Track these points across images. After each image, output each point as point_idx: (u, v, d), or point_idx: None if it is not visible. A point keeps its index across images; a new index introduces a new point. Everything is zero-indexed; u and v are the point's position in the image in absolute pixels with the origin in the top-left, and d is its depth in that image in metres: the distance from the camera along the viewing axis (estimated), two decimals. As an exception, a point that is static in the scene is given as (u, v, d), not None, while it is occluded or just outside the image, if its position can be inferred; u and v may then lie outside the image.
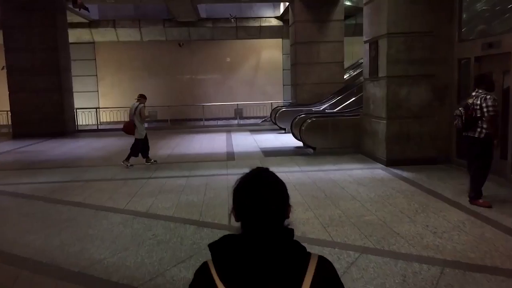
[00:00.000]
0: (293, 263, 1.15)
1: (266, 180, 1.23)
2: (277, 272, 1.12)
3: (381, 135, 8.46)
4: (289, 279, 1.13)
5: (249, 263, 1.13)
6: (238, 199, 1.21)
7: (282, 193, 1.23)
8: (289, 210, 1.24)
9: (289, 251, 1.17)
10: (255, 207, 1.18)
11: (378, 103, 8.60)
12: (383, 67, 8.27)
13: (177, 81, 22.44)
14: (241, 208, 1.21)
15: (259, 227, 1.18)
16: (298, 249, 1.19)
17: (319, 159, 9.28)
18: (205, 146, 12.22)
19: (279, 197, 1.21)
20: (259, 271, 1.12)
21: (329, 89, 16.16)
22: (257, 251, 1.15)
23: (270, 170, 1.28)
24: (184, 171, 8.54)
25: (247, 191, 1.20)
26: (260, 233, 1.17)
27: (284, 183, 1.26)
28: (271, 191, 1.20)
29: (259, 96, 21.71)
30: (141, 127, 9.35)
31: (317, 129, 9.94)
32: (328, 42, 16.32)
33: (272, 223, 1.19)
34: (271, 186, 1.22)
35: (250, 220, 1.19)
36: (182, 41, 21.86)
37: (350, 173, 7.75)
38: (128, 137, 14.04)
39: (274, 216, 1.19)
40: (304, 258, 1.17)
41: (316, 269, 1.16)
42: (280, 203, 1.21)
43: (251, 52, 22.46)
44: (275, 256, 1.14)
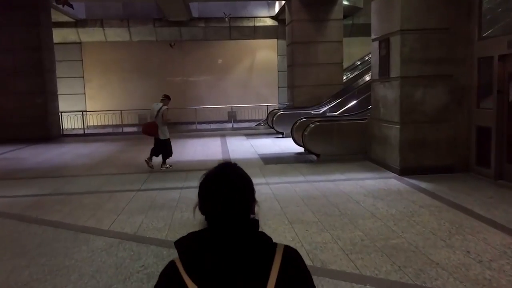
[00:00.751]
0: (259, 255, 1.15)
1: (230, 176, 1.22)
2: (244, 265, 1.13)
3: (393, 141, 7.73)
4: (256, 271, 1.14)
5: (216, 259, 1.13)
6: (202, 194, 1.21)
7: (246, 188, 1.22)
8: (254, 206, 1.24)
9: (255, 244, 1.17)
10: (217, 203, 1.18)
11: (389, 106, 7.88)
12: (395, 67, 7.55)
13: (168, 83, 21.57)
14: (204, 204, 1.20)
15: (222, 222, 1.18)
16: (263, 241, 1.19)
17: (325, 167, 8.53)
18: (199, 152, 11.40)
19: (243, 193, 1.21)
20: (226, 265, 1.12)
21: (328, 91, 15.48)
22: (223, 245, 1.15)
23: (237, 165, 1.26)
24: (177, 181, 7.73)
25: (211, 186, 1.20)
26: (224, 228, 1.17)
27: (249, 179, 1.25)
28: (234, 187, 1.20)
29: (253, 98, 20.95)
30: (165, 128, 8.92)
31: (321, 134, 9.19)
32: (326, 42, 15.64)
33: (235, 218, 1.18)
34: (234, 181, 1.21)
35: (213, 216, 1.19)
36: (173, 41, 21.01)
37: (362, 184, 7.01)
38: (117, 143, 13.22)
39: (237, 211, 1.19)
40: (270, 249, 1.18)
41: (283, 259, 1.16)
42: (243, 199, 1.20)
43: (245, 53, 21.69)
44: (241, 250, 1.14)
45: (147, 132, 8.83)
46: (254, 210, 1.24)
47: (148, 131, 8.82)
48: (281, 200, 6.16)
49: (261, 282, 1.13)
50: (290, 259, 1.18)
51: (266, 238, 1.20)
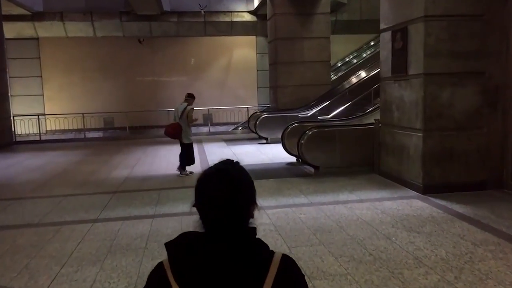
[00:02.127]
0: (254, 263, 1.08)
1: (228, 176, 1.10)
2: (237, 273, 1.05)
3: (413, 152, 6.35)
4: (250, 279, 1.05)
5: (207, 263, 1.05)
6: (197, 195, 1.12)
7: (245, 192, 1.12)
8: (253, 209, 1.14)
9: (250, 250, 1.09)
10: (212, 208, 1.08)
11: (407, 109, 6.50)
12: (417, 61, 6.18)
13: (137, 83, 19.72)
14: (199, 206, 1.11)
15: (217, 225, 1.09)
16: (260, 248, 1.11)
17: (328, 183, 7.08)
18: (174, 163, 9.73)
19: (241, 198, 1.10)
20: (217, 271, 1.05)
21: (315, 92, 14.12)
22: (216, 250, 1.06)
23: (237, 165, 1.15)
24: (147, 205, 6.10)
25: (206, 189, 1.10)
26: (218, 234, 1.09)
27: (250, 181, 1.15)
28: (232, 191, 1.08)
29: (231, 100, 19.40)
30: (189, 131, 8.23)
31: (321, 143, 7.74)
32: (312, 38, 14.28)
33: (231, 224, 1.09)
34: (232, 185, 1.09)
35: (208, 218, 1.10)
36: (142, 37, 19.17)
37: (382, 208, 5.58)
38: (77, 152, 11.56)
39: (233, 217, 1.09)
40: (266, 257, 1.10)
41: (279, 268, 1.08)
42: (241, 204, 1.10)
43: (222, 50, 20.08)
44: (235, 256, 1.06)
45: (170, 133, 8.17)
46: (253, 214, 1.14)
47: (172, 132, 8.13)
48: (286, 236, 4.65)
49: None
50: (286, 269, 1.09)
51: (262, 245, 1.12)
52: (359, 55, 17.79)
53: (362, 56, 17.22)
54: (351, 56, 18.43)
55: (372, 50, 17.16)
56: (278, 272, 1.07)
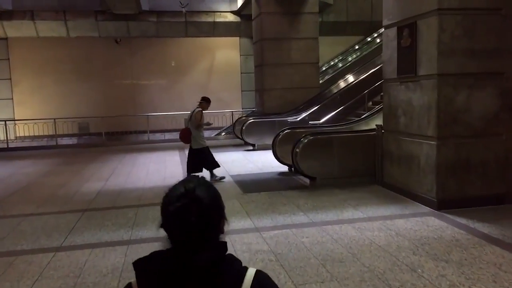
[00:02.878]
0: (227, 279, 1.04)
1: (194, 196, 1.05)
2: None
3: (425, 163, 5.66)
4: None
5: (177, 283, 1.02)
6: (163, 215, 1.07)
7: (213, 210, 1.07)
8: (223, 224, 1.12)
9: (222, 267, 1.04)
10: (178, 229, 1.04)
11: (416, 114, 5.80)
12: (430, 60, 5.49)
13: (114, 86, 18.65)
14: (165, 227, 1.06)
15: (186, 245, 1.04)
16: (232, 264, 1.08)
17: (327, 197, 6.32)
18: (153, 173, 8.86)
19: (209, 216, 1.05)
20: None
21: (303, 95, 13.42)
22: (185, 268, 1.02)
23: (203, 181, 1.11)
24: (122, 227, 5.22)
25: (171, 210, 1.04)
26: (187, 253, 1.03)
27: (217, 196, 1.11)
28: (198, 211, 1.03)
29: (213, 103, 18.36)
30: (199, 135, 7.82)
31: (318, 151, 6.99)
32: (300, 39, 13.59)
33: (201, 240, 1.04)
34: (199, 203, 1.04)
35: (176, 239, 1.06)
36: (120, 37, 18.15)
37: (395, 228, 4.85)
38: (47, 161, 10.72)
39: (202, 236, 1.04)
40: (240, 273, 1.07)
41: (253, 284, 1.05)
42: (209, 222, 1.06)
43: (204, 52, 19.18)
44: (207, 274, 1.02)
45: (180, 138, 8.10)
46: (223, 229, 1.12)
47: (181, 137, 8.06)
48: (290, 268, 3.86)
49: None
50: (260, 286, 1.05)
51: (234, 261, 1.09)
52: (347, 57, 17.19)
53: (352, 58, 16.61)
54: (340, 58, 17.81)
55: (362, 51, 16.56)
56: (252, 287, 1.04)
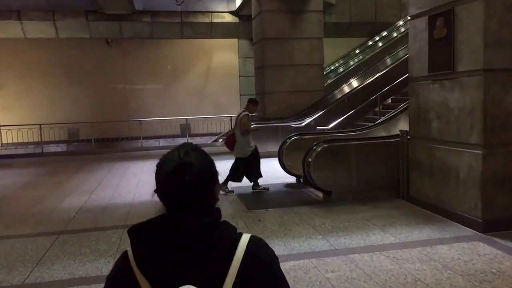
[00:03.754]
0: (220, 244, 1.02)
1: (187, 156, 1.06)
2: (202, 256, 0.99)
3: (467, 176, 4.74)
4: (216, 261, 1.00)
5: (171, 248, 0.99)
6: (156, 182, 1.08)
7: (205, 176, 1.07)
8: (217, 191, 1.12)
9: (216, 232, 1.03)
10: (171, 195, 1.05)
11: (454, 118, 4.90)
12: (473, 53, 4.60)
13: (106, 90, 17.68)
14: (159, 193, 1.07)
15: (178, 212, 1.04)
16: (226, 229, 1.06)
17: (346, 215, 5.39)
18: (144, 185, 7.90)
19: (201, 183, 1.06)
20: (180, 255, 0.99)
21: (307, 99, 12.56)
22: (180, 232, 1.00)
23: (195, 148, 1.12)
24: (102, 256, 4.26)
25: (163, 176, 1.05)
26: (179, 219, 1.03)
27: (209, 162, 1.11)
28: (190, 177, 1.04)
29: (210, 108, 17.59)
30: (243, 142, 6.93)
31: (334, 161, 6.06)
32: (304, 39, 12.74)
33: (192, 208, 1.04)
34: (191, 170, 1.04)
35: (169, 205, 1.06)
36: (111, 38, 17.21)
37: (439, 258, 3.92)
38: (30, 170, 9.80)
39: (194, 202, 1.05)
40: (234, 238, 1.05)
41: (247, 251, 1.03)
42: (202, 189, 1.06)
43: (200, 54, 18.27)
44: (198, 238, 1.00)
45: (227, 145, 7.28)
46: (217, 195, 1.13)
47: (226, 144, 7.30)
48: (318, 319, 2.92)
49: (218, 280, 0.99)
50: (254, 252, 1.04)
51: (229, 227, 1.07)
52: (353, 58, 16.36)
53: (359, 58, 15.77)
54: (346, 59, 16.98)
55: (371, 51, 15.71)
56: (246, 255, 1.02)
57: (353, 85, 12.40)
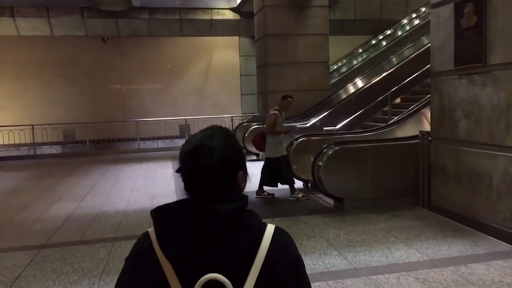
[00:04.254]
0: (246, 231, 0.98)
1: (209, 139, 1.02)
2: (227, 240, 0.95)
3: (501, 182, 4.18)
4: (242, 248, 0.96)
5: (195, 230, 0.95)
6: (179, 162, 1.04)
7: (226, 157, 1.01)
8: (243, 178, 1.05)
9: (243, 219, 0.98)
10: (188, 168, 1.01)
11: (487, 117, 4.34)
12: (509, 43, 4.03)
13: (102, 89, 17.10)
14: (180, 168, 1.03)
15: (197, 192, 1.01)
16: (252, 218, 1.01)
17: (362, 226, 4.82)
18: (139, 190, 7.34)
19: (220, 161, 1.00)
20: (206, 238, 0.94)
21: (311, 98, 11.96)
22: (203, 216, 0.95)
23: (223, 130, 1.08)
24: (86, 276, 3.70)
25: (184, 147, 1.03)
26: (204, 199, 0.98)
27: (235, 145, 1.06)
28: (210, 151, 1.00)
29: (210, 108, 17.01)
30: (273, 142, 6.26)
31: (347, 165, 5.50)
32: (308, 35, 12.17)
33: (213, 187, 1.00)
34: (211, 145, 1.01)
35: (187, 184, 1.03)
36: (108, 36, 16.64)
37: (479, 280, 3.36)
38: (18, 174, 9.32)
39: (211, 182, 1.00)
40: (260, 228, 1.01)
41: (273, 240, 1.00)
42: (221, 167, 1.00)
43: (200, 52, 17.68)
44: (225, 222, 0.95)
45: (257, 143, 6.73)
46: (240, 183, 1.05)
47: (254, 144, 6.79)
48: None
49: (244, 268, 0.96)
50: (280, 244, 1.01)
51: (253, 216, 1.02)
52: (358, 56, 15.83)
53: (363, 57, 15.23)
54: (350, 58, 16.44)
55: (375, 49, 15.19)
56: (272, 246, 0.99)
57: (360, 84, 11.84)
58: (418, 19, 14.07)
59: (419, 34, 12.57)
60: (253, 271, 0.95)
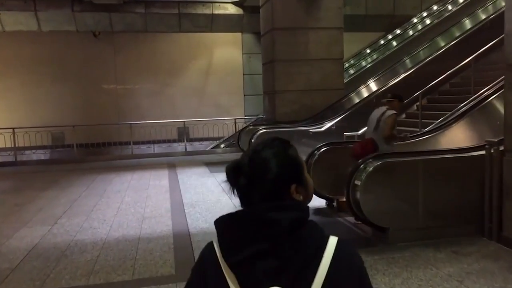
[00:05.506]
0: (308, 242, 0.94)
1: (254, 153, 1.03)
2: (288, 251, 0.92)
3: None
4: (303, 260, 0.93)
5: (255, 239, 0.93)
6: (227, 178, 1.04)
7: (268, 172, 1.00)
8: (292, 191, 1.01)
9: (304, 230, 0.95)
10: (230, 183, 1.03)
11: None
12: None
13: (94, 89, 15.80)
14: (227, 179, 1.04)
15: (246, 205, 1.02)
16: (314, 229, 0.98)
17: (422, 271, 3.57)
18: (127, 209, 6.07)
19: (259, 176, 1.00)
20: (266, 248, 0.92)
21: (324, 98, 10.76)
22: (262, 225, 0.94)
23: (275, 144, 1.05)
24: None
25: (229, 171, 1.03)
26: (260, 208, 0.98)
27: (282, 159, 1.02)
28: (251, 167, 1.01)
29: (211, 110, 15.74)
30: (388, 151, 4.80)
31: (392, 185, 4.24)
32: (321, 29, 10.94)
33: (264, 199, 0.99)
34: (254, 161, 1.01)
35: (238, 193, 1.03)
36: (100, 31, 15.35)
37: None
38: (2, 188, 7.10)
39: (260, 195, 1.00)
40: (322, 239, 0.97)
41: (336, 253, 0.95)
42: (260, 182, 1.00)
43: (200, 50, 16.38)
44: (285, 231, 0.93)
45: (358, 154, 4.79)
46: (296, 197, 1.02)
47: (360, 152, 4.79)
48: None
49: (306, 279, 0.92)
50: (343, 256, 0.96)
51: (315, 227, 0.98)
52: (376, 52, 14.69)
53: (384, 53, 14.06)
54: (366, 54, 15.30)
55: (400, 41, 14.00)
56: (335, 259, 0.94)
57: (383, 81, 10.59)
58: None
59: (448, 25, 11.34)
60: (316, 283, 0.91)
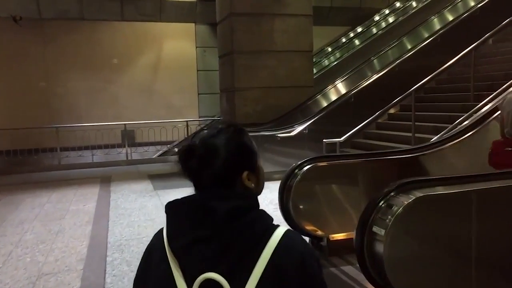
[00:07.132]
0: (249, 230, 0.95)
1: (206, 139, 1.02)
2: (227, 238, 0.93)
3: None
4: (243, 248, 0.93)
5: (195, 227, 0.95)
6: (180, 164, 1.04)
7: (222, 158, 1.00)
8: (244, 179, 1.02)
9: (245, 219, 0.95)
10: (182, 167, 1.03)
11: None
12: None
13: (19, 87, 13.36)
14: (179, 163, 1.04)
15: (198, 188, 1.03)
16: (259, 217, 0.98)
17: None
18: (20, 259, 4.11)
19: (210, 161, 1.00)
20: (204, 235, 0.94)
21: (292, 97, 9.24)
22: (203, 213, 0.96)
23: (230, 129, 1.04)
24: None
25: (181, 153, 1.03)
26: (205, 195, 1.00)
27: (238, 145, 1.03)
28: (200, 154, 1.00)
29: (160, 110, 13.77)
30: None
31: (432, 233, 2.60)
32: (288, 15, 9.37)
33: (214, 185, 1.00)
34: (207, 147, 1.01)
35: (189, 176, 1.03)
36: (23, 17, 12.94)
37: None
38: None
39: (209, 181, 1.00)
40: (267, 227, 0.97)
41: (281, 242, 0.95)
42: (213, 167, 1.00)
43: (148, 42, 14.33)
44: (223, 220, 0.94)
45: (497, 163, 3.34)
46: (248, 185, 1.02)
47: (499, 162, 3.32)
48: None
49: (246, 267, 0.93)
50: (288, 244, 0.95)
51: (263, 217, 0.98)
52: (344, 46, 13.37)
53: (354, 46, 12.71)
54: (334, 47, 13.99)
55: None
56: (279, 247, 0.94)
57: (366, 76, 9.10)
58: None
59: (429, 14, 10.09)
60: (255, 272, 0.92)
